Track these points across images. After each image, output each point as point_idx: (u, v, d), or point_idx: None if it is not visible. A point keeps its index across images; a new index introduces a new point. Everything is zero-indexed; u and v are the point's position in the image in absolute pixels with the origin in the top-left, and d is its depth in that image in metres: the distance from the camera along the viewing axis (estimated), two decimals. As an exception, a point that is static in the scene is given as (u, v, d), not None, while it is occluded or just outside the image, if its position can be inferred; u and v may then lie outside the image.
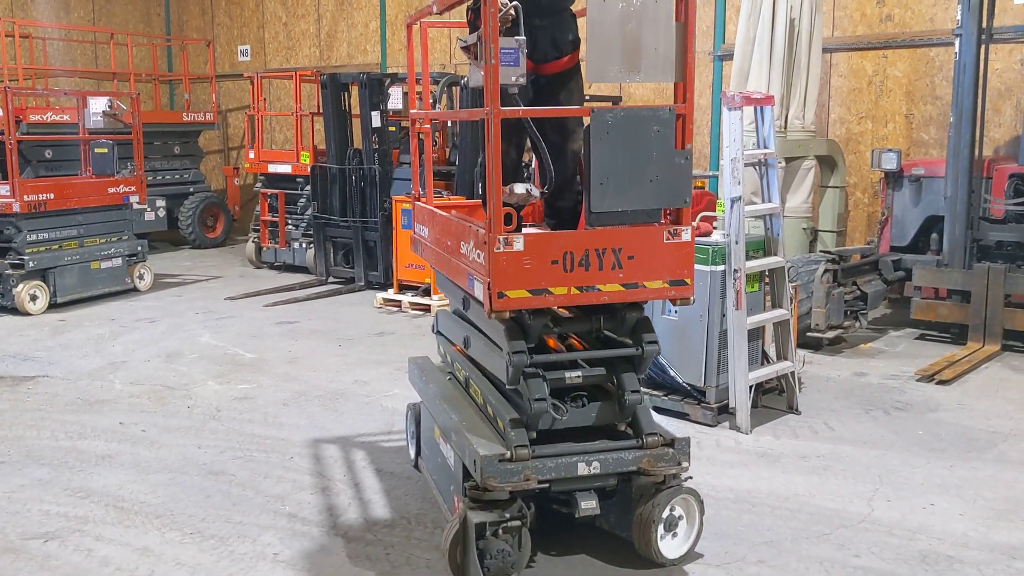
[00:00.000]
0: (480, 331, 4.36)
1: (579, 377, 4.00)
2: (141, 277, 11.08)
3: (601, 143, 3.60)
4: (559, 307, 3.94)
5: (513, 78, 3.69)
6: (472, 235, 3.85)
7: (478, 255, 3.77)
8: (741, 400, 5.92)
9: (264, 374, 7.42)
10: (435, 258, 4.63)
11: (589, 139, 3.61)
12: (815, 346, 8.02)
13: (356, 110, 11.54)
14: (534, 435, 3.92)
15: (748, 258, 6.01)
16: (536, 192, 4.14)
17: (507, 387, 3.94)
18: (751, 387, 5.99)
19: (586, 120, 3.69)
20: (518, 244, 3.61)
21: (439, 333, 5.20)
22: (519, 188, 4.07)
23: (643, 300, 3.95)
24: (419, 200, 5.07)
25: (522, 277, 3.62)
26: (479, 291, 3.73)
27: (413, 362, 5.33)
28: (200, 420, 6.26)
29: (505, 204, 3.82)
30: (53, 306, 9.90)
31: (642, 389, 6.14)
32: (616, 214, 3.68)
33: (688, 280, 3.85)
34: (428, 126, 4.99)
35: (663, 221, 3.83)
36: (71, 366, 7.68)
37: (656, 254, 3.77)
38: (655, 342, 4.01)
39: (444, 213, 4.52)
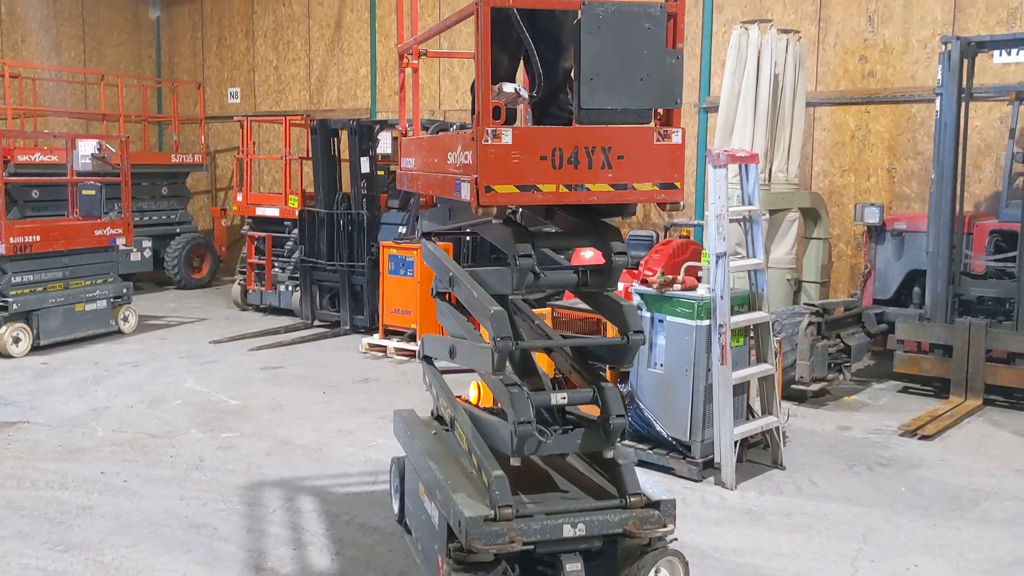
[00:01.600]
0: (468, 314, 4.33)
1: (564, 398, 4.01)
2: (126, 319, 11.03)
3: (592, 37, 3.55)
4: (547, 203, 3.85)
5: None
6: (460, 140, 3.81)
7: (465, 156, 3.71)
8: (726, 456, 5.93)
9: (248, 422, 7.38)
10: (423, 181, 4.57)
11: (580, 34, 3.55)
12: (799, 398, 8.05)
13: (345, 155, 11.62)
14: (518, 463, 3.92)
15: (733, 313, 6.06)
16: (524, 93, 4.08)
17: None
18: (736, 442, 6.01)
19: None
20: (506, 137, 3.54)
21: (425, 359, 5.18)
22: (508, 87, 4.02)
23: (633, 202, 3.89)
24: (403, 135, 5.04)
25: (510, 172, 3.56)
26: (466, 192, 3.65)
27: (398, 415, 5.32)
28: (183, 470, 6.21)
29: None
30: (36, 348, 9.83)
31: (627, 442, 6.22)
32: (606, 112, 3.63)
33: (678, 184, 3.77)
34: (417, 60, 4.98)
35: (653, 123, 3.80)
36: (53, 412, 7.62)
37: (646, 155, 3.71)
38: (640, 331, 3.99)
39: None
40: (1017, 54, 9.06)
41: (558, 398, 3.98)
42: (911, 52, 10.16)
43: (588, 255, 9.30)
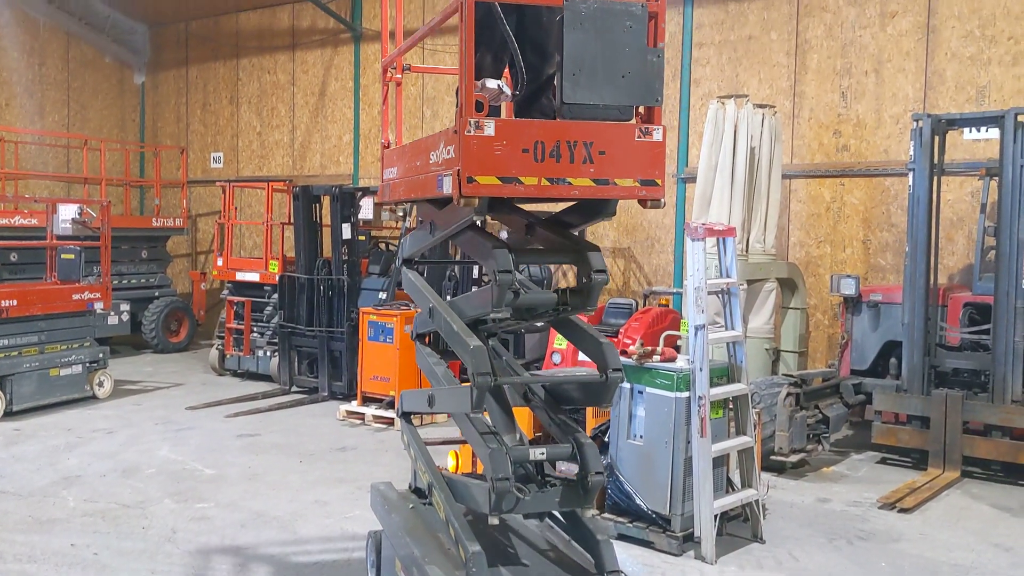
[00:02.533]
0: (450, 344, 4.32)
1: (543, 453, 3.98)
2: (101, 384, 10.91)
3: (574, 33, 3.59)
4: (529, 196, 3.80)
5: None
6: (443, 137, 3.81)
7: (448, 151, 3.71)
8: (706, 530, 5.89)
9: (223, 492, 7.27)
10: (405, 186, 4.55)
11: (563, 30, 3.59)
12: (779, 469, 8.04)
13: (327, 220, 11.68)
14: (496, 522, 3.88)
15: (712, 385, 6.08)
16: (508, 90, 4.10)
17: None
18: (716, 515, 5.99)
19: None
20: (489, 129, 3.54)
21: (404, 416, 5.15)
22: (491, 83, 4.03)
23: (614, 198, 3.88)
24: (387, 147, 5.06)
25: (493, 163, 3.55)
26: (448, 185, 3.64)
27: (376, 488, 5.27)
28: (155, 543, 6.10)
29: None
30: (9, 414, 9.68)
31: (607, 515, 6.18)
32: (588, 107, 3.66)
33: (659, 181, 3.79)
34: (400, 75, 5.00)
35: (635, 120, 3.82)
36: (23, 480, 7.49)
37: (627, 151, 3.73)
38: (620, 369, 3.98)
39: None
40: (986, 131, 9.29)
41: (536, 453, 3.96)
42: (884, 127, 10.41)
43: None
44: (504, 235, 4.54)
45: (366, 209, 11.93)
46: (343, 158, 15.13)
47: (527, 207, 4.51)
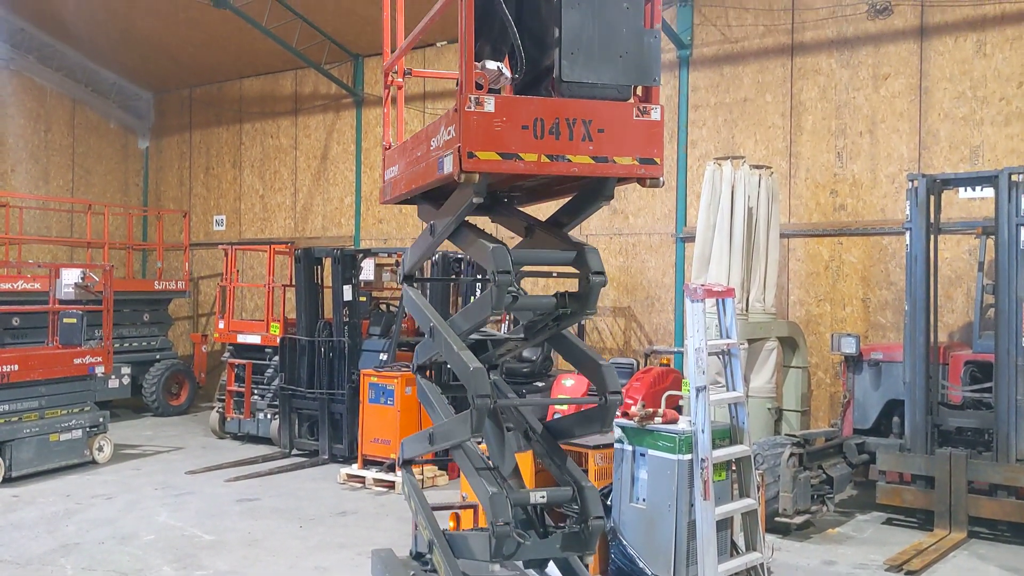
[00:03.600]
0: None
1: (544, 497, 3.95)
2: (100, 449, 10.85)
3: (572, 12, 3.64)
4: (529, 173, 3.84)
5: None
6: (444, 120, 3.83)
7: (449, 132, 3.72)
8: (710, 594, 5.82)
9: (221, 558, 7.19)
10: (406, 179, 4.55)
11: (560, 9, 3.63)
12: (783, 531, 7.96)
13: (328, 282, 11.73)
14: (498, 567, 3.84)
15: (715, 447, 6.06)
16: (507, 73, 4.11)
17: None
18: (720, 580, 5.91)
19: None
20: (489, 105, 3.58)
21: (404, 465, 5.11)
22: (491, 64, 4.05)
23: (613, 175, 3.89)
24: (388, 148, 5.07)
25: (493, 139, 3.57)
26: (449, 165, 3.65)
27: (376, 555, 5.23)
28: (153, 611, 6.02)
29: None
30: (8, 480, 9.61)
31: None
32: (587, 86, 3.69)
33: (658, 160, 3.81)
34: (402, 79, 5.06)
35: (632, 99, 3.84)
36: (21, 548, 7.41)
37: (626, 130, 3.76)
38: (618, 392, 3.96)
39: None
40: (981, 190, 9.39)
41: (537, 497, 3.94)
42: (880, 187, 10.52)
43: (569, 383, 9.35)
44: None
45: (367, 271, 12.01)
46: (345, 220, 15.26)
47: (525, 209, 4.54)
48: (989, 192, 8.62)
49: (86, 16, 15.00)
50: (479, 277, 9.88)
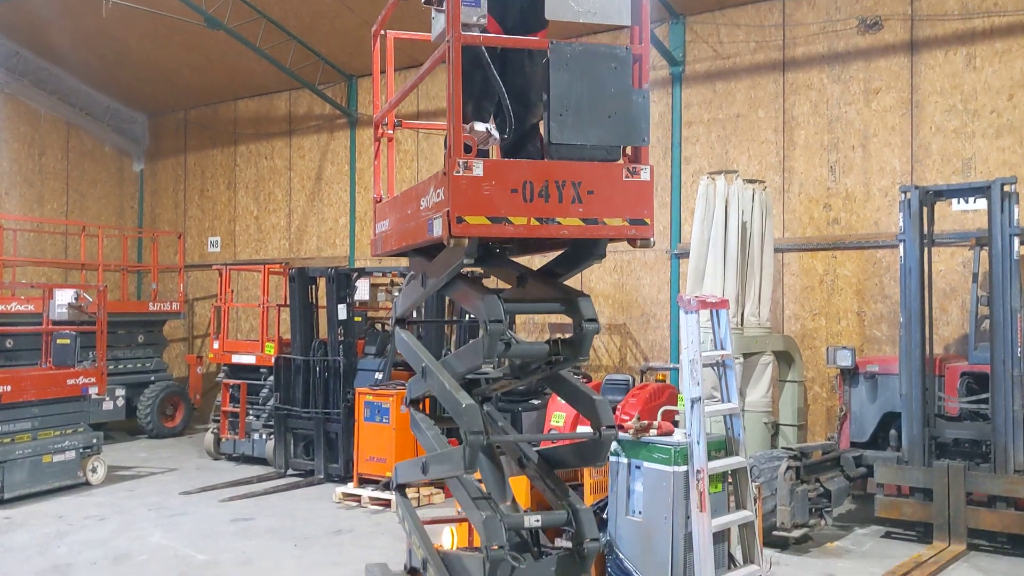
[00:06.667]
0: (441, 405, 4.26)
1: (538, 520, 3.91)
2: (94, 470, 10.77)
3: (560, 73, 3.63)
4: (519, 236, 3.81)
5: (475, 18, 3.77)
6: (433, 181, 3.81)
7: (438, 194, 3.70)
8: (708, 607, 5.77)
9: (216, 578, 7.13)
10: (397, 235, 4.53)
11: (549, 72, 3.62)
12: (782, 545, 7.90)
13: (323, 302, 11.71)
14: None
15: (710, 458, 6.03)
16: (496, 133, 4.11)
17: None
18: (718, 593, 5.86)
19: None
20: (478, 169, 3.57)
21: (398, 489, 5.08)
22: (479, 126, 4.06)
23: (603, 238, 3.88)
24: (379, 202, 5.04)
25: (482, 203, 3.55)
26: (438, 227, 3.63)
27: (370, 570, 5.18)
28: (145, 631, 5.95)
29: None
30: (0, 502, 9.54)
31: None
32: (576, 148, 3.68)
33: (648, 220, 3.81)
34: (392, 131, 5.09)
35: (622, 160, 3.82)
36: (12, 571, 7.34)
37: (615, 190, 3.75)
38: (613, 427, 3.93)
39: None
40: (974, 202, 9.40)
41: (531, 520, 3.91)
42: (873, 200, 10.55)
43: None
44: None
45: (362, 290, 11.99)
46: (339, 240, 15.26)
47: (518, 259, 4.53)
48: (982, 204, 8.66)
49: (80, 40, 15.08)
50: (472, 318, 9.95)
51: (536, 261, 4.71)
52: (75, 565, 7.49)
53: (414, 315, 5.19)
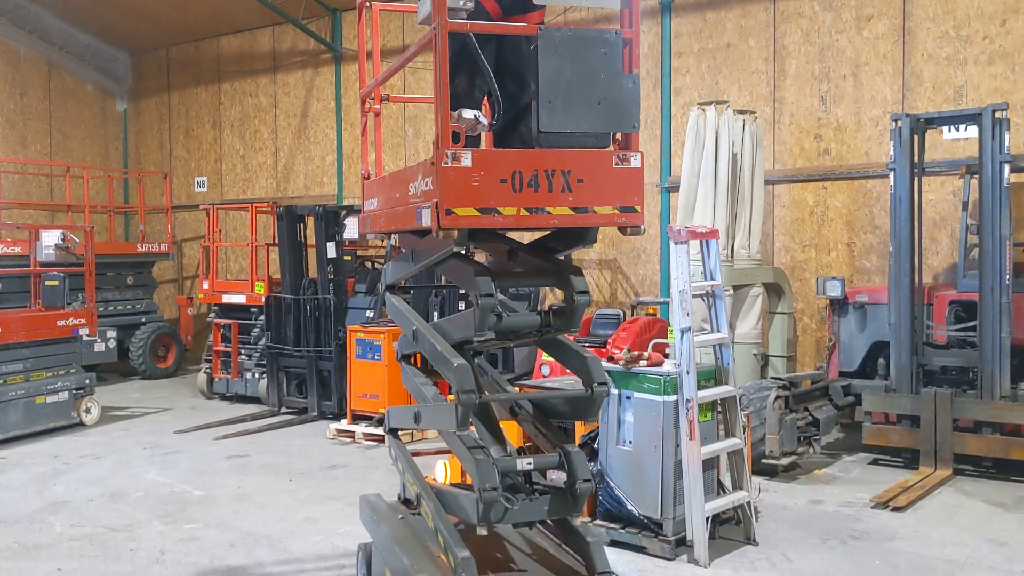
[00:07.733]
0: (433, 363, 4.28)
1: (531, 463, 3.96)
2: (88, 411, 10.82)
3: (549, 60, 3.58)
4: (508, 227, 3.79)
5: (461, 2, 3.71)
6: (420, 169, 3.78)
7: (426, 183, 3.68)
8: (698, 533, 5.86)
9: (211, 513, 7.20)
10: (385, 218, 4.52)
11: (538, 58, 3.58)
12: (770, 473, 8.01)
13: (312, 241, 11.65)
14: (485, 531, 3.87)
15: (700, 387, 6.07)
16: (485, 120, 4.08)
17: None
18: (708, 518, 5.95)
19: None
20: (466, 160, 3.53)
21: (391, 431, 5.12)
22: (467, 113, 4.02)
23: (594, 226, 3.87)
24: (367, 179, 5.04)
25: (471, 194, 3.52)
26: (427, 217, 3.61)
27: (365, 500, 5.23)
28: (143, 564, 6.03)
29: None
30: (-6, 443, 9.61)
31: (599, 522, 6.14)
32: (565, 136, 3.64)
33: (638, 208, 3.79)
34: (379, 105, 5.06)
35: (612, 147, 3.80)
36: (9, 508, 7.40)
37: (606, 178, 3.72)
38: (605, 383, 3.96)
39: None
40: (965, 130, 9.33)
41: (524, 463, 3.95)
42: (864, 130, 10.47)
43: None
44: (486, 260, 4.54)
45: (351, 228, 11.91)
46: (327, 179, 15.13)
47: (511, 234, 4.50)
48: (972, 132, 8.59)
49: (57, -25, 14.71)
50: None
51: (527, 235, 4.64)
52: (72, 502, 7.56)
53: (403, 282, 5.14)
